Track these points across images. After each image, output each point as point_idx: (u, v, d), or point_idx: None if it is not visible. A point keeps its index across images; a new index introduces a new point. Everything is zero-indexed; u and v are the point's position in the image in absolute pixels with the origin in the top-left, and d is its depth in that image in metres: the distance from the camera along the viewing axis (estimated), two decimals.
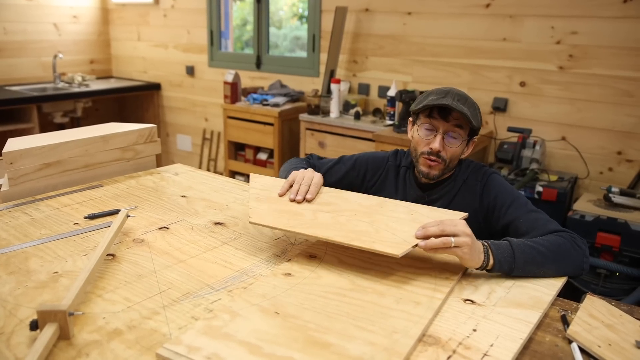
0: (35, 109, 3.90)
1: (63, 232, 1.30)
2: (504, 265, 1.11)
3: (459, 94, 1.37)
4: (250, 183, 1.42)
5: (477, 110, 1.40)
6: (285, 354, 0.82)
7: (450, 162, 1.41)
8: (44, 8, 4.47)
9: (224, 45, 4.34)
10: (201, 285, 1.05)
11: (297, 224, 1.16)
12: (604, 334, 0.95)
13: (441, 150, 1.39)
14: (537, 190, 2.53)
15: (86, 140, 1.69)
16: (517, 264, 1.11)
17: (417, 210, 1.25)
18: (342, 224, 1.17)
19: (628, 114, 2.62)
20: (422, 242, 1.06)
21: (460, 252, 1.06)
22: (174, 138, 4.82)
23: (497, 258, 1.11)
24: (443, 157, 1.39)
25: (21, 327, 0.89)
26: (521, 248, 1.13)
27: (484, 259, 1.10)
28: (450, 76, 3.13)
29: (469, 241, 1.06)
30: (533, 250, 1.14)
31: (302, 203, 1.27)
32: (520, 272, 1.12)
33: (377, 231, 1.13)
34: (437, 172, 1.42)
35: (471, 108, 1.38)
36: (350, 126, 3.10)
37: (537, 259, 1.13)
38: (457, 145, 1.39)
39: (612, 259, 2.33)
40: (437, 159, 1.40)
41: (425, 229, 1.08)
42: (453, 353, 0.86)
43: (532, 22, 2.80)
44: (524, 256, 1.12)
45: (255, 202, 1.27)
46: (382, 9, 3.33)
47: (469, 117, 1.34)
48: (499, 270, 1.12)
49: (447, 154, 1.39)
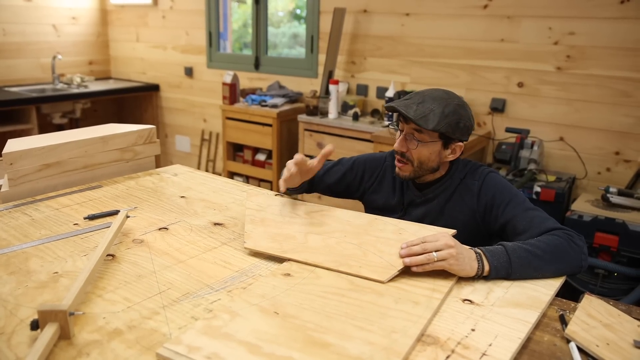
0: (34, 110, 3.90)
1: (63, 233, 1.30)
2: (500, 271, 1.11)
3: (429, 96, 1.36)
4: (246, 203, 1.47)
5: (447, 113, 1.34)
6: (284, 353, 0.82)
7: (421, 163, 1.41)
8: (43, 9, 4.47)
9: (222, 47, 4.35)
10: (201, 286, 1.06)
11: (290, 249, 1.20)
12: (602, 334, 0.95)
13: (405, 152, 1.40)
14: (535, 190, 2.54)
15: (86, 141, 1.69)
16: (513, 268, 1.11)
17: (405, 228, 1.29)
18: (332, 247, 1.21)
19: (626, 114, 2.63)
20: (407, 259, 1.10)
21: (447, 264, 1.07)
22: (172, 139, 4.82)
23: (492, 264, 1.11)
24: (409, 157, 1.41)
25: (22, 327, 0.90)
26: (517, 253, 1.13)
27: (478, 267, 1.10)
28: (448, 77, 3.14)
29: (453, 252, 1.08)
30: (529, 254, 1.14)
31: (295, 225, 1.33)
32: (517, 277, 1.12)
33: (365, 254, 1.17)
34: (407, 174, 1.43)
35: (436, 109, 1.33)
36: (349, 127, 3.10)
37: (534, 262, 1.13)
38: (416, 146, 1.38)
39: (610, 259, 2.33)
40: (402, 160, 1.42)
41: (408, 247, 1.11)
42: (452, 352, 0.86)
43: (530, 23, 2.81)
44: (520, 260, 1.12)
45: (250, 225, 1.33)
46: (380, 10, 3.33)
47: (416, 121, 1.32)
48: (496, 277, 1.12)
49: (411, 155, 1.40)
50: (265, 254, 1.20)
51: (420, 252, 1.09)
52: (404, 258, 1.10)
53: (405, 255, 1.11)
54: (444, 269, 1.08)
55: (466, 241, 1.33)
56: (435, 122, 1.33)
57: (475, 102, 3.06)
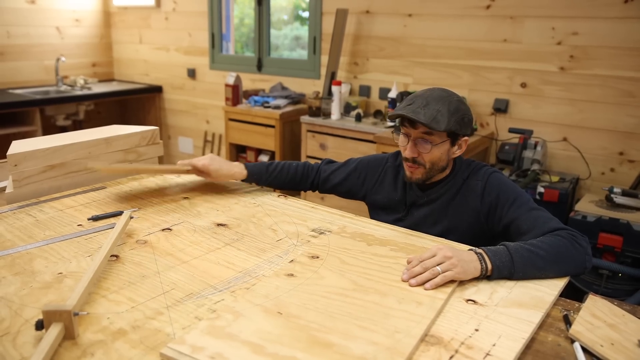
0: (38, 112, 3.92)
1: (67, 234, 1.30)
2: (502, 270, 1.11)
3: (430, 97, 1.35)
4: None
5: (451, 111, 1.34)
6: (288, 353, 0.82)
7: (433, 165, 1.40)
8: (47, 12, 4.49)
9: (225, 48, 4.35)
10: (204, 286, 1.06)
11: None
12: (607, 334, 0.95)
13: (416, 157, 1.39)
14: (538, 191, 2.53)
15: (89, 143, 1.70)
16: (516, 268, 1.11)
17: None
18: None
19: (629, 114, 2.62)
20: (412, 281, 1.07)
21: (452, 274, 1.07)
22: (175, 140, 4.83)
23: (495, 264, 1.11)
24: (420, 162, 1.40)
25: (27, 327, 0.90)
26: (519, 252, 1.13)
27: (482, 267, 1.10)
28: (451, 78, 3.14)
29: (454, 262, 1.07)
30: (532, 254, 1.13)
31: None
32: (520, 277, 1.12)
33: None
34: (420, 176, 1.42)
35: (442, 110, 1.33)
36: (351, 128, 3.10)
37: (536, 263, 1.13)
38: (429, 150, 1.37)
39: (614, 260, 2.33)
40: (415, 165, 1.41)
41: (410, 271, 1.09)
42: (455, 353, 0.86)
43: (533, 23, 2.81)
44: (523, 260, 1.12)
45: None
46: (383, 11, 3.34)
47: (428, 124, 1.32)
48: (499, 276, 1.12)
49: (423, 158, 1.39)
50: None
51: (421, 271, 1.07)
52: (410, 281, 1.07)
53: (409, 279, 1.08)
54: (450, 279, 1.07)
55: (470, 241, 1.33)
56: (445, 122, 1.34)
57: (478, 102, 3.06)
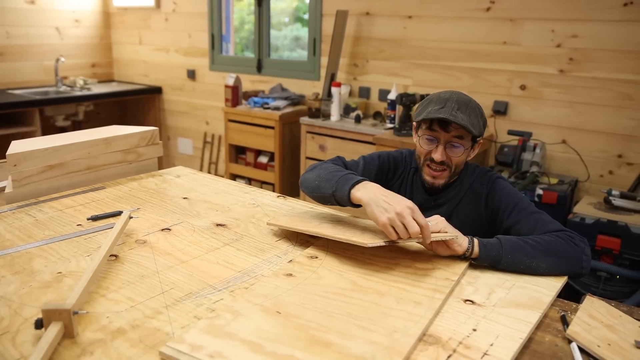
0: (37, 113, 3.92)
1: (66, 234, 1.31)
2: (490, 250, 1.16)
3: (459, 101, 1.35)
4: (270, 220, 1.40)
5: (478, 115, 1.38)
6: (287, 352, 0.82)
7: (456, 168, 1.42)
8: (46, 12, 4.50)
9: (225, 49, 4.36)
10: (203, 286, 1.06)
11: (309, 228, 1.26)
12: (604, 334, 0.96)
13: (445, 160, 1.39)
14: (537, 193, 2.54)
15: (89, 143, 1.70)
16: (504, 248, 1.16)
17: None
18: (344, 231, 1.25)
19: (628, 117, 2.63)
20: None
21: (444, 225, 1.19)
22: (175, 141, 4.83)
23: (482, 243, 1.18)
24: (448, 164, 1.40)
25: (26, 326, 0.90)
26: (508, 238, 1.20)
27: (469, 241, 1.18)
28: (451, 80, 3.14)
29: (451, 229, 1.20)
30: (521, 241, 1.19)
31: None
32: (509, 261, 1.15)
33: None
34: (443, 181, 1.43)
35: (472, 114, 1.35)
36: (351, 129, 3.11)
37: (525, 248, 1.17)
38: (461, 154, 1.39)
39: (613, 262, 2.33)
40: (441, 167, 1.40)
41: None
42: (453, 352, 0.86)
43: (533, 26, 2.82)
44: (511, 243, 1.18)
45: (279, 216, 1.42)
46: (383, 13, 3.34)
47: (469, 129, 1.32)
48: (487, 257, 1.17)
49: (451, 162, 1.40)
50: (284, 228, 1.31)
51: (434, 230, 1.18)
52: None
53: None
54: (446, 230, 1.18)
55: None
56: (478, 127, 1.37)
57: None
